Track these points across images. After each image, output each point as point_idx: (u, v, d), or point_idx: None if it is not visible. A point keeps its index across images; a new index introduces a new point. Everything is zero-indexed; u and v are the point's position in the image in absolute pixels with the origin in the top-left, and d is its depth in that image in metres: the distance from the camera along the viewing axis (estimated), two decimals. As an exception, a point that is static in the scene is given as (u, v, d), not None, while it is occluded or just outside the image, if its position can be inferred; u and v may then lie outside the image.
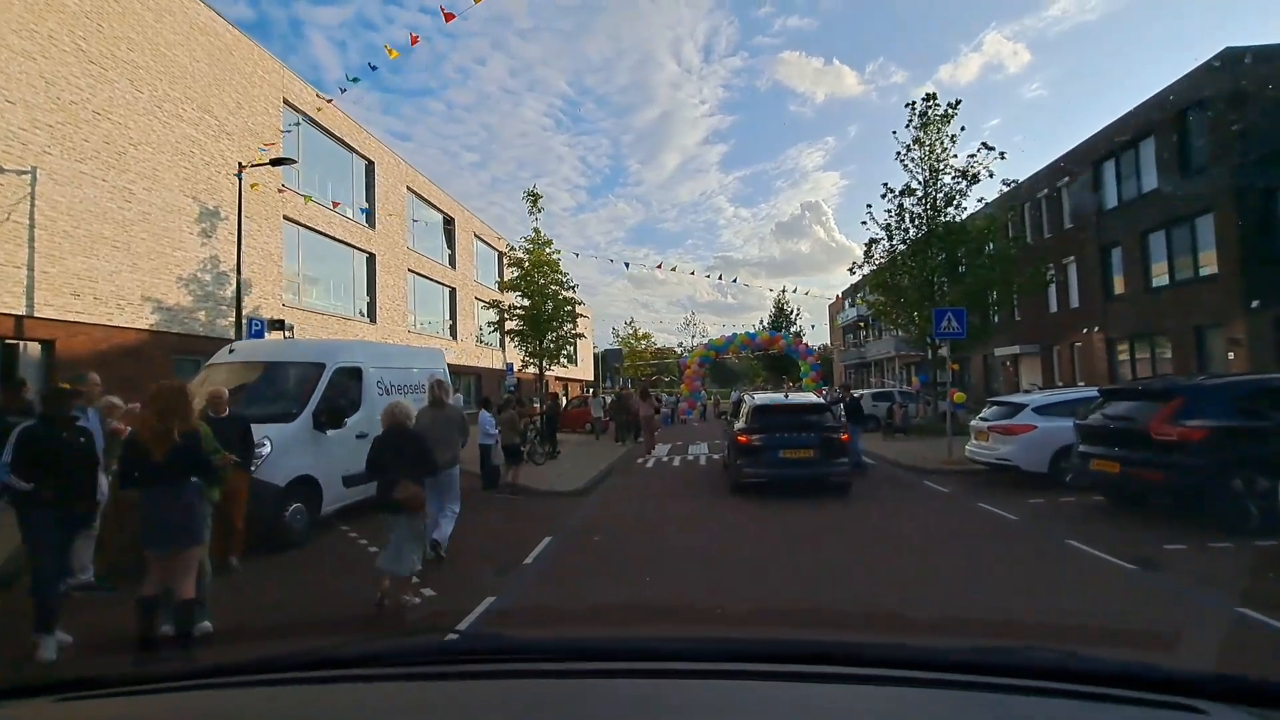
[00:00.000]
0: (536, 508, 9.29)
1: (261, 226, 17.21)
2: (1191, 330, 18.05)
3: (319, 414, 7.37)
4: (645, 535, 7.61)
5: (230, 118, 16.40)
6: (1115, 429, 7.29)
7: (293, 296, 18.63)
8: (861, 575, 5.89)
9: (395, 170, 24.34)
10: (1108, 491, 7.79)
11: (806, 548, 6.87)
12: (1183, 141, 18.31)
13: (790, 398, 11.22)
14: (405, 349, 12.04)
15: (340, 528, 7.83)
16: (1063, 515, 7.76)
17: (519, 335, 19.61)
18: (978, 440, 10.33)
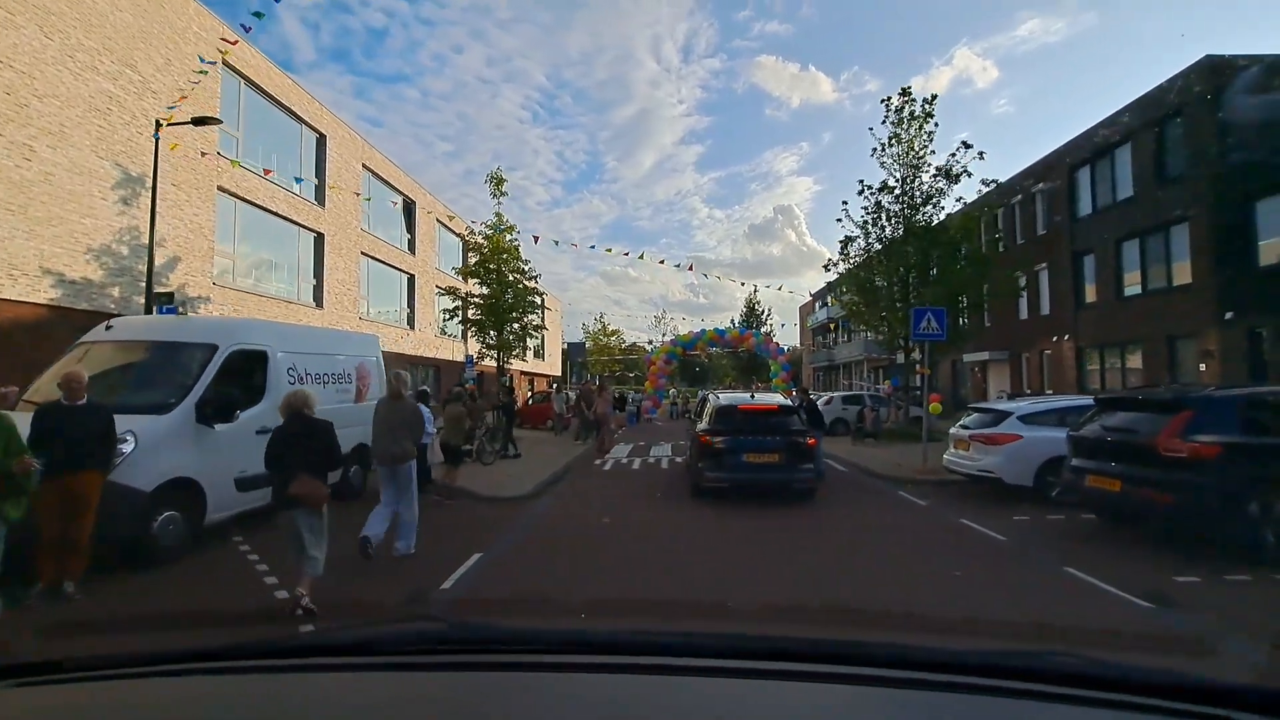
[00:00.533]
0: (471, 516, 8.25)
1: (190, 196, 15.72)
2: (1163, 340, 17.82)
3: (205, 404, 6.21)
4: (589, 554, 6.60)
5: (157, 75, 14.89)
6: (1115, 443, 6.57)
7: (226, 275, 17.14)
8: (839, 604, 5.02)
9: (350, 146, 22.86)
10: (1103, 511, 7.08)
11: (774, 572, 5.98)
12: (1160, 149, 18.06)
13: (756, 398, 10.40)
14: (329, 332, 10.72)
15: (233, 539, 6.69)
16: (1054, 536, 7.03)
17: (476, 325, 18.41)
18: (957, 449, 9.62)
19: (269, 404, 7.16)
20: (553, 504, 9.14)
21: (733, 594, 5.16)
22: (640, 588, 5.34)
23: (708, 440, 9.20)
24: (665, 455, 14.75)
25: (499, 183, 18.43)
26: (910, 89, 16.91)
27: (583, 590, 5.30)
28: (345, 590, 5.23)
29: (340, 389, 8.57)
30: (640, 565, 6.10)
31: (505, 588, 5.47)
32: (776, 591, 5.27)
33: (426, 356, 29.19)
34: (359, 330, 22.95)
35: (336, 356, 8.61)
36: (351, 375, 8.94)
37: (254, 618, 4.52)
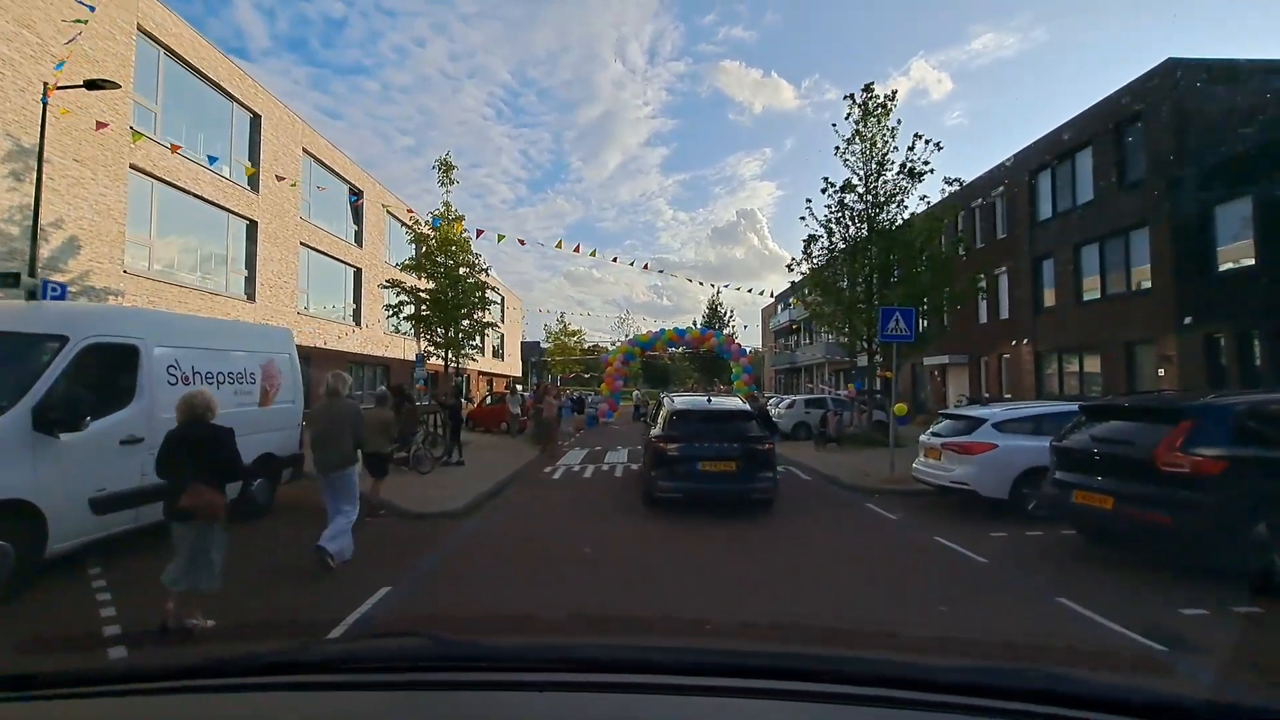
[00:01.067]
0: (390, 537, 7.22)
1: (97, 174, 14.18)
2: (1122, 346, 17.78)
3: (46, 409, 5.06)
4: (516, 586, 5.66)
5: (59, 38, 13.33)
6: (1106, 455, 5.97)
7: (141, 264, 15.58)
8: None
9: (289, 129, 21.35)
10: (1091, 530, 6.48)
11: (734, 603, 5.17)
12: (1120, 154, 18.04)
13: (713, 402, 9.65)
14: (226, 324, 9.36)
15: (90, 571, 5.54)
16: (1038, 557, 6.41)
17: (422, 321, 17.21)
18: (928, 458, 9.01)
19: (139, 408, 6.03)
20: (487, 521, 8.15)
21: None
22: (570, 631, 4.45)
23: (661, 447, 8.64)
24: (621, 462, 13.86)
25: (447, 169, 17.27)
26: (873, 85, 16.46)
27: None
28: (228, 632, 4.25)
29: (239, 390, 7.44)
30: (573, 600, 5.21)
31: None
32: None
33: (374, 355, 27.70)
34: (297, 326, 21.54)
35: (234, 353, 7.46)
36: (255, 374, 7.81)
37: (236, 634, 4.27)
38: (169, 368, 6.46)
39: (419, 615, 4.87)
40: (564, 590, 5.50)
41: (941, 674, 1.07)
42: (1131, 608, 4.89)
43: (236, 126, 19.15)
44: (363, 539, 6.56)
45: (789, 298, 47.53)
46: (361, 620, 4.64)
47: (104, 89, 11.01)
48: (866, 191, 16.81)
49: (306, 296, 22.87)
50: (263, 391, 7.90)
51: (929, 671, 1.08)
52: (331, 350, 23.72)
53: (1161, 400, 6.04)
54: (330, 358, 23.21)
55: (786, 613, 4.87)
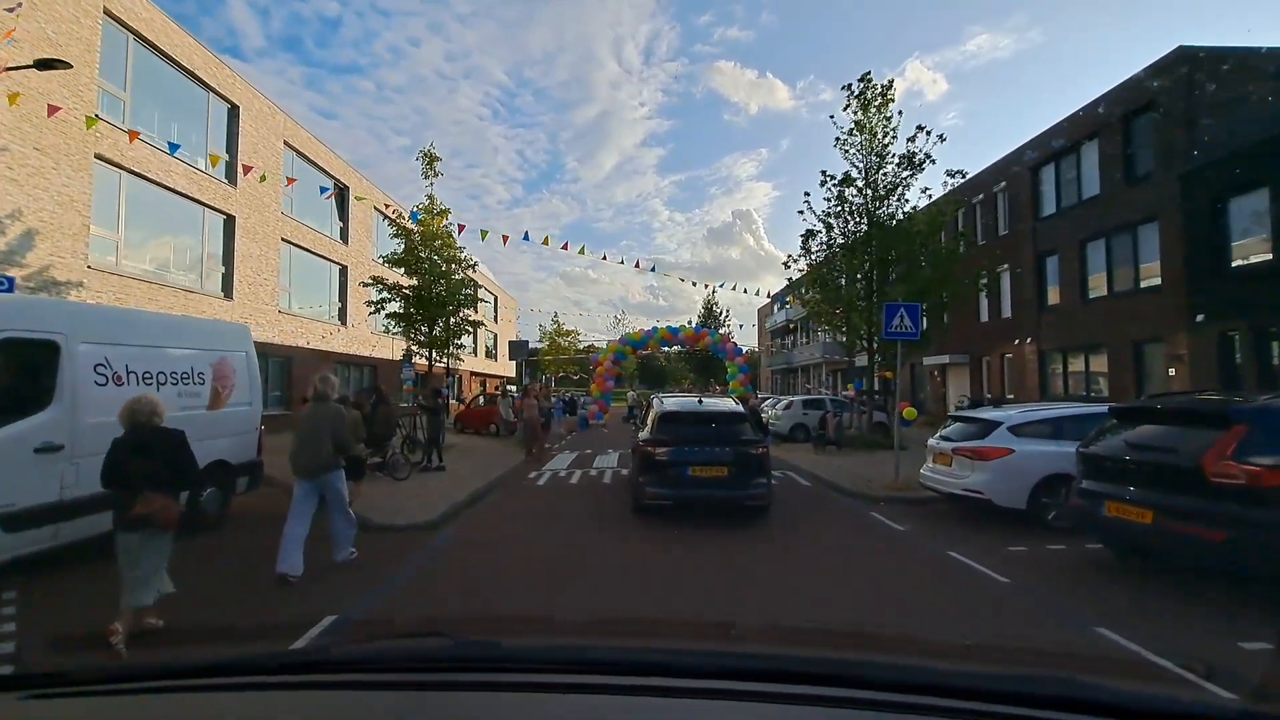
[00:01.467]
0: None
1: (59, 164, 13.46)
2: (1129, 344, 17.21)
3: (-67, 413, 4.39)
4: (485, 612, 5.04)
5: (11, 17, 12.61)
6: (1142, 463, 5.35)
7: (108, 258, 14.86)
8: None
9: (269, 121, 20.63)
10: (1123, 544, 5.85)
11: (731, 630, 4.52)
12: (1128, 146, 17.47)
13: (704, 404, 9.05)
14: (168, 319, 8.67)
15: (3, 595, 4.86)
16: (1065, 576, 5.78)
17: (403, 320, 16.52)
18: (937, 464, 8.38)
19: (58, 412, 5.36)
20: (459, 535, 7.46)
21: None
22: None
23: (649, 451, 8.10)
24: (610, 467, 13.19)
25: (431, 161, 16.58)
26: (869, 74, 15.86)
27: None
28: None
29: (185, 391, 6.76)
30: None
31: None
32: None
33: (361, 355, 26.99)
34: (278, 325, 20.83)
35: (178, 350, 6.77)
36: (204, 375, 7.13)
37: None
38: (97, 366, 5.78)
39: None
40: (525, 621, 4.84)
41: (967, 679, 1.07)
42: (1183, 639, 4.28)
43: (213, 117, 18.43)
44: (322, 555, 5.90)
45: (785, 297, 46.97)
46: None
47: (55, 69, 10.29)
48: (866, 185, 16.20)
49: (289, 295, 22.14)
50: (213, 393, 7.22)
51: (955, 677, 1.08)
52: (315, 350, 23.00)
53: (1206, 402, 5.41)
54: (314, 358, 22.50)
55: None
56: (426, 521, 7.64)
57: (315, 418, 5.82)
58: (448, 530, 7.60)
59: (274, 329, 20.63)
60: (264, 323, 20.09)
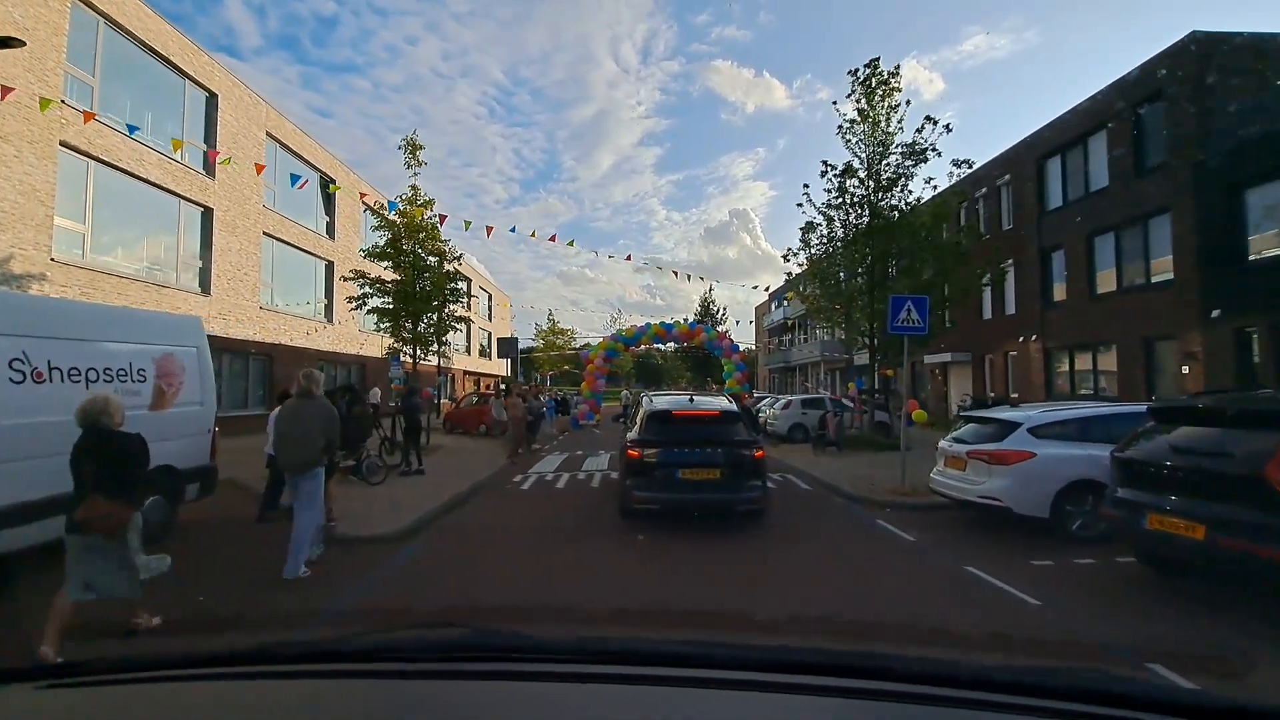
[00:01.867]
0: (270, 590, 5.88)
1: (22, 152, 12.77)
2: (1140, 342, 16.63)
3: None
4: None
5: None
6: (1190, 470, 4.73)
7: (73, 250, 14.17)
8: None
9: (250, 111, 19.93)
10: (1167, 561, 5.22)
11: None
12: (1138, 136, 16.88)
13: (695, 402, 8.49)
14: (105, 310, 8.00)
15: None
16: (1103, 598, 5.16)
17: (386, 315, 15.84)
18: (949, 468, 7.76)
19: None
20: (428, 549, 6.80)
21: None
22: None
23: (637, 453, 7.60)
24: (600, 470, 12.52)
25: (414, 150, 15.90)
26: (878, 60, 15.23)
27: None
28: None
29: (122, 390, 6.08)
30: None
31: None
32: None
33: (348, 353, 26.31)
34: (259, 322, 20.14)
35: (114, 345, 6.11)
36: (145, 372, 6.47)
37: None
38: (13, 362, 5.12)
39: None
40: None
41: (995, 673, 1.04)
42: (1262, 680, 3.65)
43: (190, 106, 17.73)
44: (272, 569, 5.27)
45: (783, 294, 46.37)
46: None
47: (9, 47, 9.62)
48: (869, 175, 15.58)
49: (271, 291, 21.45)
50: (157, 392, 6.57)
51: (978, 670, 1.04)
52: (299, 348, 22.33)
53: (1269, 402, 4.79)
54: (298, 356, 21.82)
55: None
56: (393, 533, 6.98)
57: (300, 415, 5.80)
58: (416, 543, 6.94)
59: (255, 326, 19.95)
60: (244, 319, 19.42)
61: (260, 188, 20.32)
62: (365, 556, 6.33)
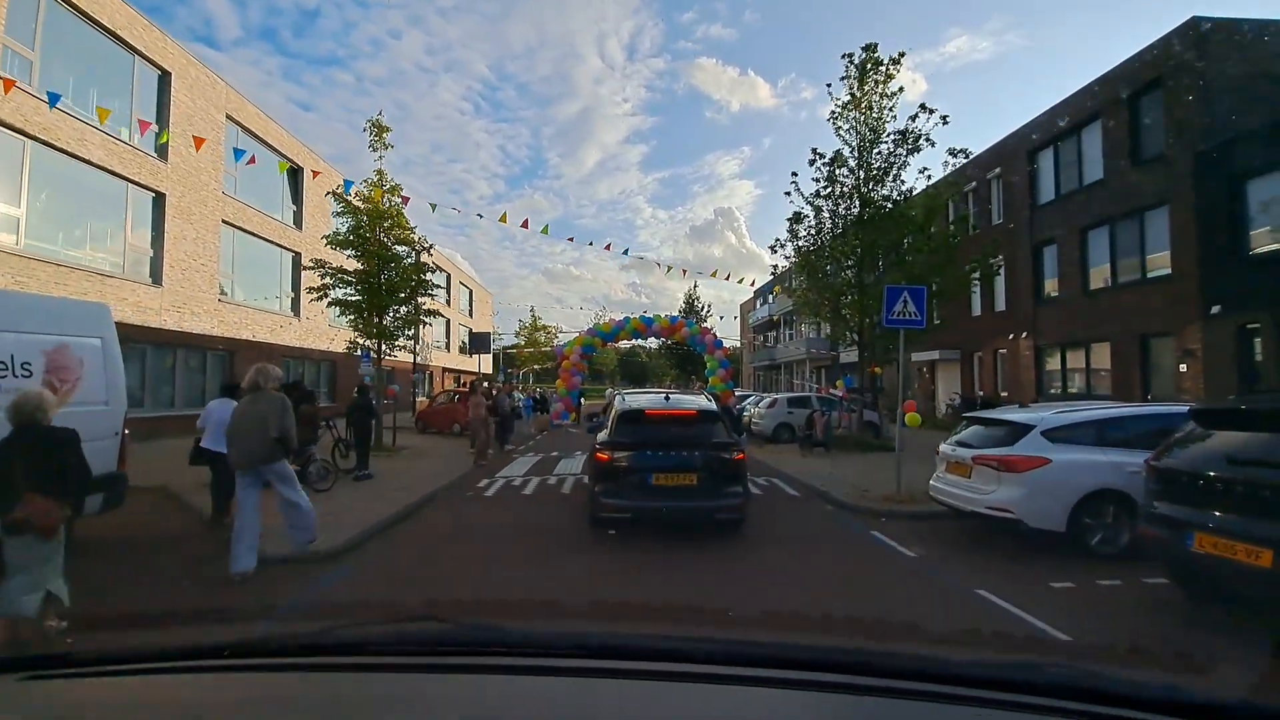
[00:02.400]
0: (210, 597, 5.02)
1: (-60, 127, 11.66)
2: (1135, 339, 16.11)
3: None
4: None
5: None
6: (1253, 484, 4.01)
7: (7, 236, 13.06)
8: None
9: (208, 91, 18.81)
10: (1222, 591, 4.48)
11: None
12: (1135, 126, 16.35)
13: (671, 401, 7.79)
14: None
15: None
16: (1143, 631, 4.43)
17: (349, 308, 14.87)
18: (952, 474, 7.04)
19: None
20: (359, 570, 5.90)
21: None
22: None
23: (606, 456, 6.90)
24: (572, 473, 11.67)
25: (380, 131, 14.93)
26: (876, 45, 14.50)
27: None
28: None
29: (8, 384, 5.19)
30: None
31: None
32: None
33: (317, 349, 25.22)
34: (218, 315, 19.05)
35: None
36: (31, 365, 5.55)
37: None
38: None
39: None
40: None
41: (970, 668, 1.08)
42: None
43: (140, 84, 16.58)
44: (171, 599, 4.40)
45: (769, 290, 45.79)
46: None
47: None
48: (860, 165, 14.88)
49: (231, 282, 20.36)
50: (47, 387, 5.63)
51: (957, 666, 1.08)
52: (263, 343, 21.26)
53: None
54: (262, 352, 20.75)
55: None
56: (325, 551, 6.10)
57: (253, 408, 5.73)
58: (349, 563, 6.06)
59: (213, 319, 18.86)
60: (200, 312, 18.33)
61: (219, 173, 19.22)
62: (285, 580, 5.46)
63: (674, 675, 1.04)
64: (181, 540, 6.71)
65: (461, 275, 48.55)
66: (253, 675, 1.11)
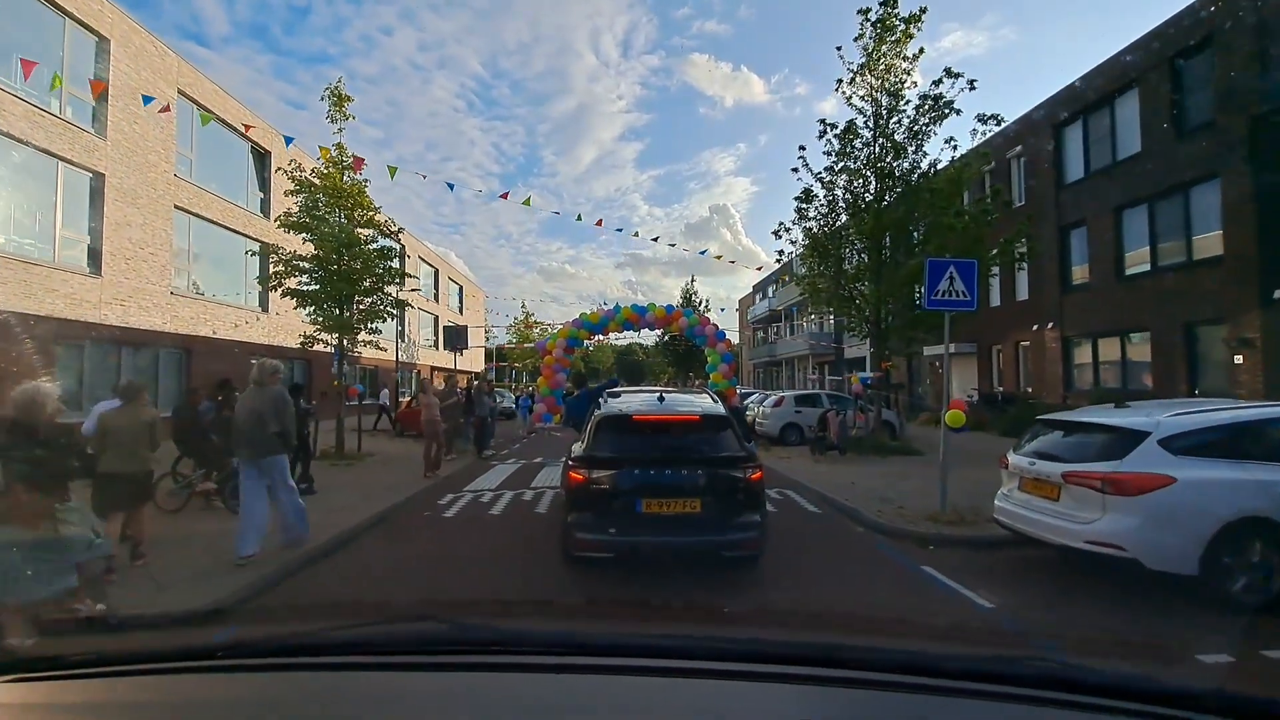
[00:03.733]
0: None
1: None
2: (1180, 327, 14.56)
3: None
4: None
5: None
6: None
7: (-97, 216, 11.39)
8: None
9: (155, 63, 17.11)
10: None
11: None
12: (1178, 92, 14.78)
13: (666, 403, 6.16)
14: None
15: None
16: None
17: (306, 298, 13.25)
18: (1029, 493, 5.47)
19: None
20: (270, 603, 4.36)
21: None
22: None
23: (582, 476, 5.30)
24: (552, 486, 10.06)
25: (340, 101, 13.30)
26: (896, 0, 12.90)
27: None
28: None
29: None
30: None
31: None
32: None
33: (290, 347, 23.43)
34: (171, 309, 17.39)
35: None
36: None
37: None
38: None
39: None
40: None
41: (954, 661, 1.11)
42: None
43: (73, 52, 14.89)
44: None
45: (770, 283, 44.22)
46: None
47: None
48: (877, 135, 13.30)
49: (188, 274, 18.69)
50: None
51: (941, 659, 1.11)
52: (226, 340, 19.62)
53: None
54: (224, 350, 19.14)
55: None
56: (179, 614, 4.49)
57: (255, 402, 5.89)
58: (235, 623, 4.46)
59: (165, 314, 17.19)
60: (149, 306, 16.65)
61: (170, 153, 17.53)
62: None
63: (668, 671, 1.05)
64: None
65: (451, 271, 46.89)
66: (245, 675, 1.09)
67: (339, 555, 6.24)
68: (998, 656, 1.18)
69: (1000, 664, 1.11)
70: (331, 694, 1.04)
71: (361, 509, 7.86)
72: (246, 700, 1.02)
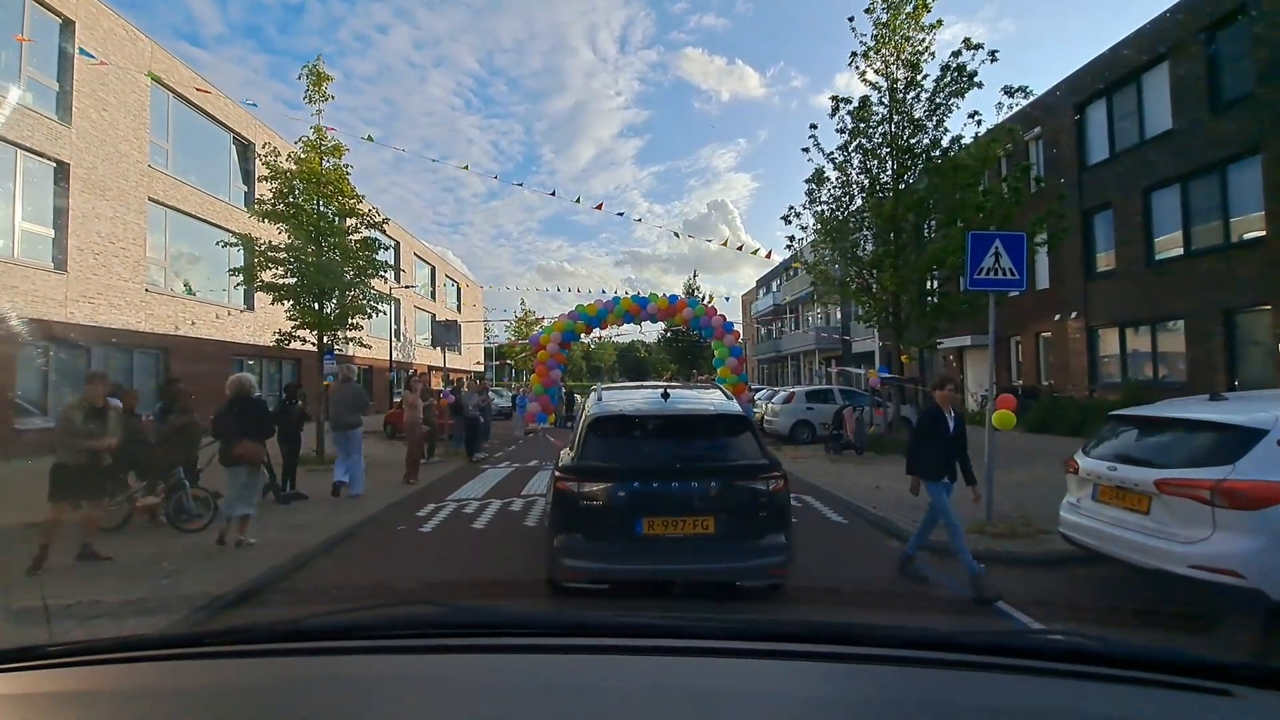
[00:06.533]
0: None
1: None
2: (1217, 315, 13.63)
3: None
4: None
5: None
6: None
7: None
8: None
9: (126, 49, 16.22)
10: None
11: None
12: (1213, 64, 13.82)
13: (671, 400, 5.14)
14: None
15: None
16: None
17: (282, 292, 12.37)
18: (1110, 504, 4.56)
19: None
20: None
21: None
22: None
23: (569, 488, 4.42)
24: (542, 494, 9.16)
25: (319, 80, 12.40)
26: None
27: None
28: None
29: None
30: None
31: None
32: None
33: (273, 346, 22.62)
34: (147, 307, 16.52)
35: None
36: None
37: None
38: None
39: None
40: None
41: (978, 637, 1.08)
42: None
43: (34, 31, 14.00)
44: None
45: (776, 275, 43.28)
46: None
47: None
48: (894, 111, 12.36)
49: (165, 271, 17.82)
50: None
51: (965, 636, 1.08)
52: (208, 340, 18.76)
53: None
54: (206, 350, 18.29)
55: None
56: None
57: (341, 392, 9.04)
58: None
59: (139, 312, 16.33)
60: (122, 304, 15.80)
61: (143, 143, 16.64)
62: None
63: (666, 650, 1.04)
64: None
65: (448, 268, 46.03)
66: (240, 662, 1.07)
67: (282, 584, 5.28)
68: (1024, 631, 1.25)
69: (1026, 639, 1.16)
70: (324, 679, 1.01)
71: (325, 525, 6.95)
72: (238, 686, 1.00)
